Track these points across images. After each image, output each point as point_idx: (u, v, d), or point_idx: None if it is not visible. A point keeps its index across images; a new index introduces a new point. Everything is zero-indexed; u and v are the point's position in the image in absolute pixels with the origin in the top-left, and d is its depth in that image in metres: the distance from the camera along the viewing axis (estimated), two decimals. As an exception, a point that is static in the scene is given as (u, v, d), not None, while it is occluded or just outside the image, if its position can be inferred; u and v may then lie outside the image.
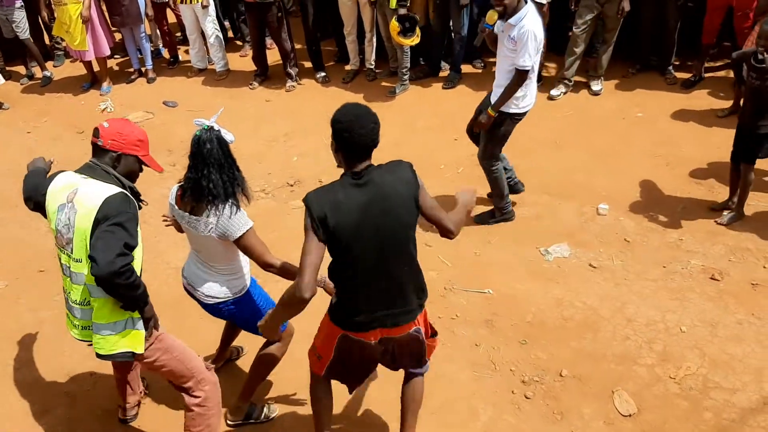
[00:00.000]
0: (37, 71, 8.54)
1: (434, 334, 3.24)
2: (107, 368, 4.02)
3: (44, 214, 3.04)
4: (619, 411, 3.60)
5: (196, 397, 3.23)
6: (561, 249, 4.80)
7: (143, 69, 8.26)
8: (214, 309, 3.33)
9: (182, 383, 3.22)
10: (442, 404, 3.70)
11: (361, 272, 2.72)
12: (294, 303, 2.60)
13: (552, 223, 5.10)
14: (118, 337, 2.94)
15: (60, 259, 2.99)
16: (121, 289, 2.70)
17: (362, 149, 2.62)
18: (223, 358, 4.01)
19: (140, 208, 2.93)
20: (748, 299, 4.24)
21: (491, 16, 4.52)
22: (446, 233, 2.90)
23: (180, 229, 3.33)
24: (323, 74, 7.69)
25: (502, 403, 3.70)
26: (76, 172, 2.95)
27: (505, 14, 4.39)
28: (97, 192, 2.80)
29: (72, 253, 2.88)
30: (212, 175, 2.95)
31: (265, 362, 3.50)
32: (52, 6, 7.69)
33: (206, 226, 3.01)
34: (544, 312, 4.28)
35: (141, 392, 3.78)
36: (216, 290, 3.26)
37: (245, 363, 3.98)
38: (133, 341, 2.96)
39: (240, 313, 3.34)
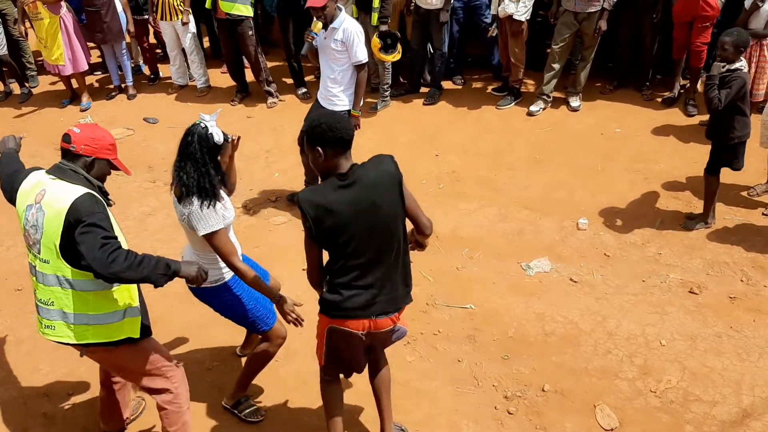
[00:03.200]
0: (15, 87, 8.46)
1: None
2: (85, 388, 3.98)
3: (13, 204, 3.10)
4: (601, 425, 3.61)
5: (168, 393, 3.26)
6: (542, 264, 4.83)
7: (123, 85, 8.22)
8: (193, 292, 3.40)
9: (151, 384, 3.24)
10: (424, 420, 3.69)
11: (357, 264, 2.85)
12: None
13: (533, 237, 5.13)
14: (116, 326, 3.02)
15: (28, 257, 3.04)
16: (126, 274, 2.76)
17: (346, 143, 2.78)
18: (251, 344, 4.03)
19: (110, 205, 2.97)
20: (727, 312, 4.29)
21: (316, 25, 4.91)
22: (422, 229, 3.03)
23: None
24: (304, 90, 7.71)
25: (484, 419, 3.69)
26: (46, 172, 2.98)
27: (327, 22, 4.90)
28: (64, 194, 2.83)
29: (39, 254, 2.93)
30: (187, 168, 3.05)
31: (258, 359, 3.62)
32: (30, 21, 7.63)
33: (181, 215, 3.12)
34: (525, 327, 4.29)
35: (126, 419, 3.70)
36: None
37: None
38: (131, 327, 3.08)
39: (216, 301, 3.41)
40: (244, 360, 3.95)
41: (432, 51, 7.23)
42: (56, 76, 8.03)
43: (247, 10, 7.07)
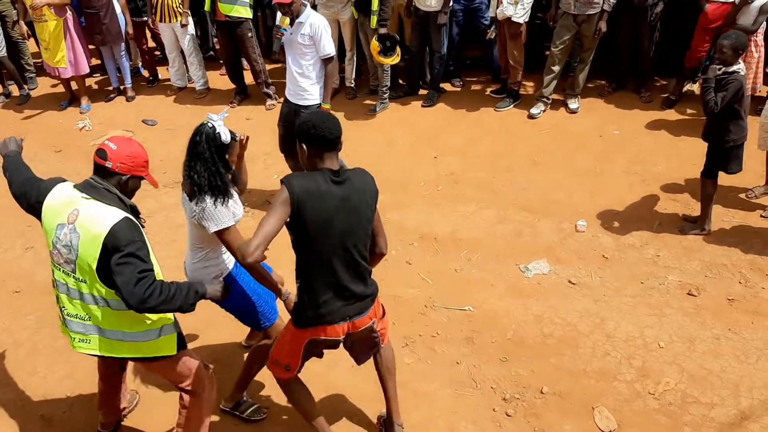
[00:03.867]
0: (14, 89, 8.46)
1: (384, 313, 3.35)
2: (83, 390, 3.98)
3: (37, 217, 3.02)
4: (599, 427, 3.61)
5: (194, 395, 3.25)
6: (540, 266, 4.83)
7: (122, 87, 8.22)
8: None
9: (181, 382, 3.24)
10: (422, 422, 3.68)
11: (328, 262, 2.91)
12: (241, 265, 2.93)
13: (531, 239, 5.13)
14: (154, 344, 3.02)
15: (54, 273, 2.99)
16: (160, 308, 2.77)
17: (335, 141, 2.89)
18: (254, 337, 4.08)
19: (143, 226, 2.93)
20: (725, 314, 4.29)
21: (284, 20, 5.03)
22: (380, 247, 3.13)
23: None
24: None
25: (483, 421, 3.69)
26: (76, 187, 2.91)
27: (293, 17, 5.01)
28: (101, 218, 2.78)
29: (74, 273, 2.88)
30: (198, 167, 3.08)
31: (258, 357, 3.62)
32: (33, 22, 7.63)
33: (192, 212, 3.13)
34: (524, 329, 4.29)
35: (124, 408, 3.74)
36: (196, 271, 3.34)
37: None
38: (168, 345, 3.07)
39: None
40: (245, 355, 3.94)
41: (431, 53, 7.23)
42: (56, 78, 8.03)
43: (246, 12, 7.09)
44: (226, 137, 3.13)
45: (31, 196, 3.05)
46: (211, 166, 3.08)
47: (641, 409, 3.69)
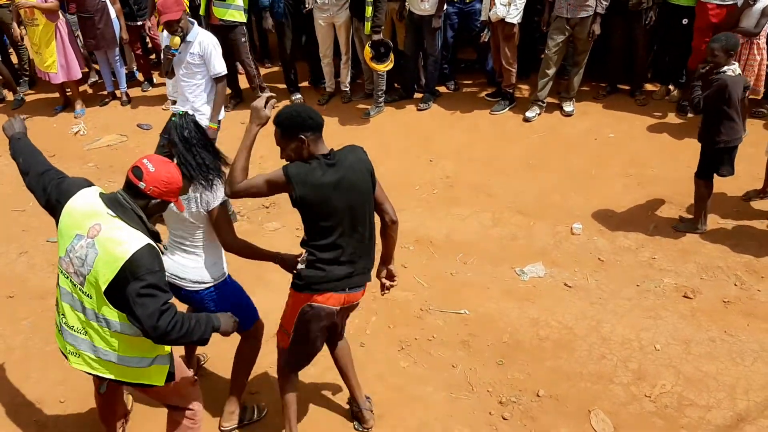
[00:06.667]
0: (8, 94, 8.43)
1: None
2: (77, 396, 3.95)
3: (53, 215, 2.93)
4: (596, 430, 3.60)
5: (188, 410, 3.20)
6: (536, 269, 4.82)
7: (117, 92, 8.19)
8: (196, 299, 3.36)
9: (172, 403, 3.20)
10: (418, 426, 3.67)
11: (337, 237, 3.05)
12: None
13: (527, 243, 5.13)
14: (142, 370, 2.93)
15: (59, 279, 2.89)
16: (179, 341, 2.76)
17: (322, 126, 3.03)
18: (192, 366, 3.99)
19: (163, 253, 2.87)
20: (721, 317, 4.29)
21: (174, 41, 4.97)
22: (388, 214, 3.22)
23: None
24: (299, 96, 7.70)
25: (479, 424, 3.68)
26: (102, 199, 2.79)
27: (183, 36, 4.99)
28: (124, 240, 2.67)
29: (81, 286, 2.78)
30: (202, 154, 3.16)
31: (245, 360, 3.59)
32: (24, 26, 7.60)
33: (196, 201, 3.16)
34: (520, 332, 4.28)
35: (126, 415, 3.71)
36: (202, 275, 3.32)
37: (219, 369, 4.02)
38: (158, 375, 2.97)
39: (221, 299, 3.40)
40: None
41: (425, 56, 7.23)
42: (48, 82, 7.98)
43: (240, 16, 7.07)
44: (205, 122, 3.22)
45: (51, 194, 2.93)
46: (211, 149, 3.22)
47: (637, 412, 3.68)
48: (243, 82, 7.81)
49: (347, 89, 7.61)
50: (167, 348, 2.98)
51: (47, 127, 7.73)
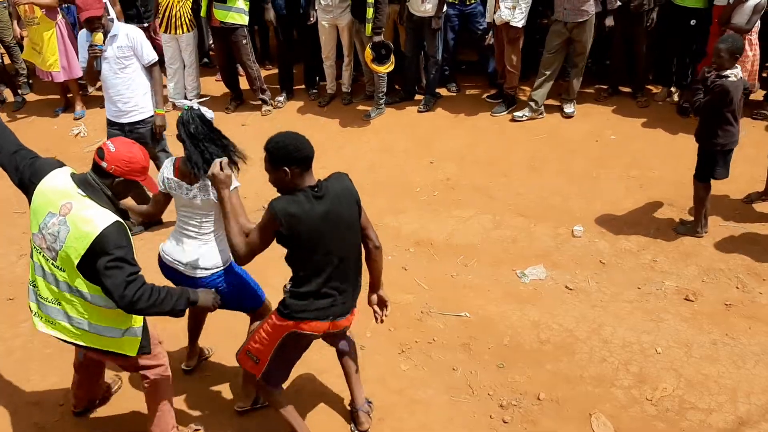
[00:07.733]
0: (9, 95, 8.42)
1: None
2: (77, 398, 3.95)
3: (26, 193, 3.05)
4: (596, 434, 3.59)
5: (159, 367, 3.32)
6: (537, 271, 4.81)
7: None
8: (204, 285, 3.39)
9: (144, 365, 3.30)
10: (418, 430, 3.66)
11: (321, 269, 3.04)
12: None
13: (528, 245, 5.12)
14: (115, 341, 3.08)
15: (32, 254, 3.05)
16: (149, 311, 2.86)
17: (311, 160, 2.97)
18: (196, 354, 4.08)
19: (131, 230, 2.99)
20: (722, 319, 4.28)
21: (97, 37, 4.90)
22: (371, 239, 3.21)
23: None
24: (280, 99, 7.71)
25: (479, 428, 3.67)
26: (73, 179, 2.94)
27: (105, 32, 4.95)
28: (93, 218, 2.83)
29: (54, 261, 2.93)
30: (210, 148, 3.27)
31: None
32: (24, 25, 7.58)
33: (208, 188, 3.29)
34: (521, 335, 4.27)
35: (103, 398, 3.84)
36: (210, 261, 3.42)
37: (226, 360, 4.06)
38: (130, 346, 3.13)
39: (229, 284, 3.47)
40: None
41: (426, 58, 7.23)
42: (50, 82, 7.97)
43: (241, 19, 7.05)
44: (210, 115, 3.35)
45: (24, 174, 3.06)
46: (218, 141, 3.32)
47: (639, 416, 3.67)
48: (243, 83, 7.80)
49: (348, 91, 7.60)
50: (139, 321, 3.13)
51: (48, 129, 7.73)
